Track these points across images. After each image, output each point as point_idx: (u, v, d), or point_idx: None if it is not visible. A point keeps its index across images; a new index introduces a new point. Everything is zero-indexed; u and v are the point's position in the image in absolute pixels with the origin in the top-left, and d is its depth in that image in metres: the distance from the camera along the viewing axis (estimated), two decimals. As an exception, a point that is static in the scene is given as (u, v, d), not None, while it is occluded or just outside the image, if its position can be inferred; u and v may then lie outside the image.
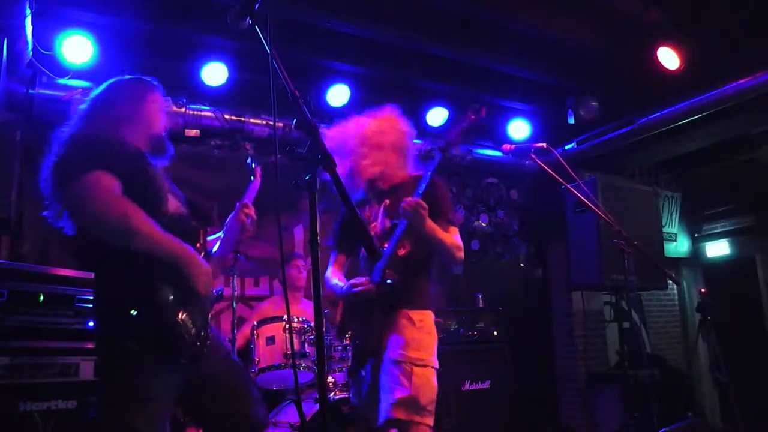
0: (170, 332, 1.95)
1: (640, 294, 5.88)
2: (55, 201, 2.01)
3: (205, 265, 2.03)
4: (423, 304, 2.54)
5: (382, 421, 2.32)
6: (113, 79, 2.29)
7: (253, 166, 2.73)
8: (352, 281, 2.58)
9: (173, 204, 2.15)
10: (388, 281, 2.44)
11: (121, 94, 2.24)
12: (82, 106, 2.23)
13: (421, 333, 2.46)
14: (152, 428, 1.96)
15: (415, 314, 2.49)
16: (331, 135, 2.70)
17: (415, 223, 2.39)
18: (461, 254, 2.55)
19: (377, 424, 2.35)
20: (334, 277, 2.71)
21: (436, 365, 2.45)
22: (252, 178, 2.69)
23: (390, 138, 2.65)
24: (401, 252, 2.51)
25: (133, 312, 1.90)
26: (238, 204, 2.46)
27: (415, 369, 2.36)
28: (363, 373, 2.55)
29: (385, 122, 2.69)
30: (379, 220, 2.63)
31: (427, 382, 2.38)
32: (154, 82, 2.32)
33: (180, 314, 1.96)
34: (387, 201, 2.63)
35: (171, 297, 1.96)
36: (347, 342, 2.68)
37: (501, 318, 5.02)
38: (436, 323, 2.58)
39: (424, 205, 2.38)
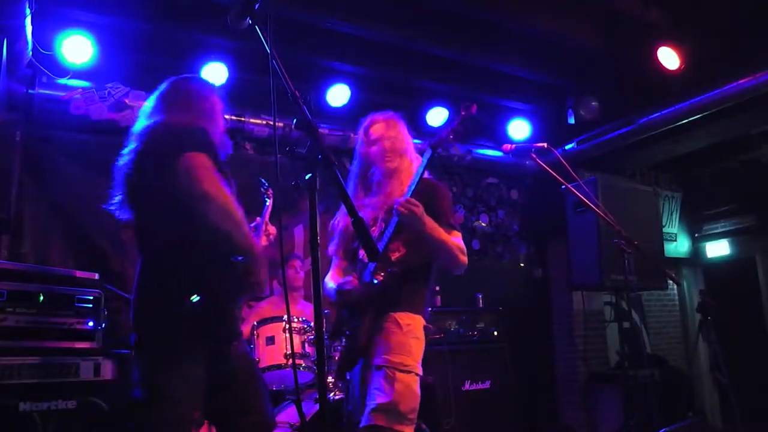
0: (220, 325, 1.99)
1: (640, 294, 5.87)
2: (130, 187, 2.03)
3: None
4: (412, 309, 2.46)
5: (362, 426, 2.27)
6: (173, 78, 2.28)
7: (266, 186, 3.01)
8: (341, 280, 2.57)
9: None
10: (375, 281, 2.41)
11: (191, 91, 2.25)
12: (149, 103, 2.22)
13: (407, 337, 2.38)
14: (184, 422, 1.97)
15: (403, 318, 2.42)
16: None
17: (408, 221, 2.36)
18: (464, 258, 2.48)
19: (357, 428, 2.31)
20: (331, 281, 2.68)
21: (420, 372, 2.38)
22: (266, 199, 2.97)
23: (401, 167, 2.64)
24: (394, 255, 2.47)
25: (195, 298, 1.91)
26: (260, 221, 2.72)
27: (398, 375, 2.29)
28: (348, 376, 2.52)
29: (395, 153, 2.65)
30: (377, 224, 2.61)
31: (409, 389, 2.30)
32: (212, 83, 2.34)
33: (234, 310, 2.03)
34: (386, 207, 2.62)
35: (229, 291, 2.00)
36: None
37: (501, 318, 5.02)
38: (427, 330, 2.50)
39: (414, 201, 2.36)
